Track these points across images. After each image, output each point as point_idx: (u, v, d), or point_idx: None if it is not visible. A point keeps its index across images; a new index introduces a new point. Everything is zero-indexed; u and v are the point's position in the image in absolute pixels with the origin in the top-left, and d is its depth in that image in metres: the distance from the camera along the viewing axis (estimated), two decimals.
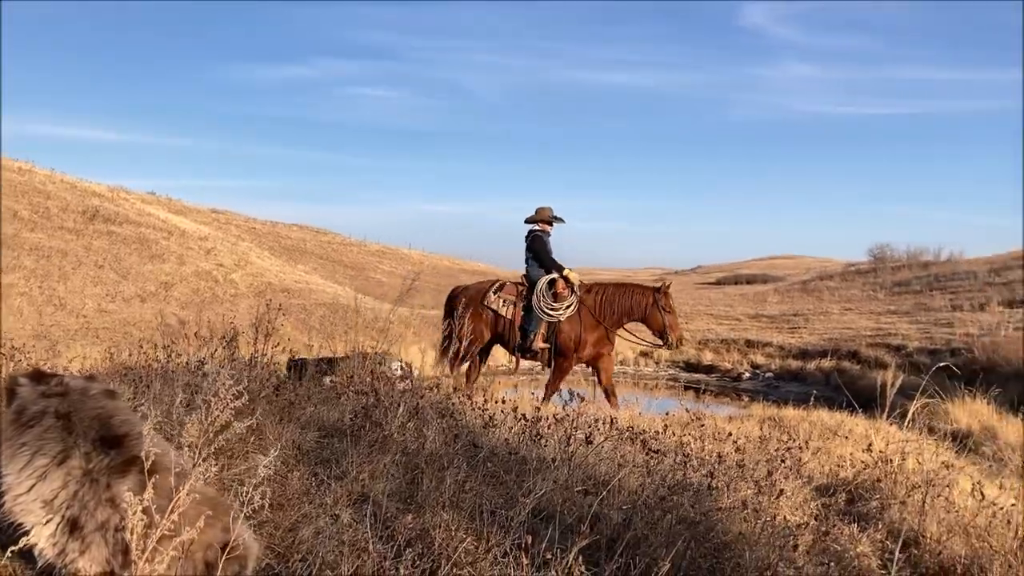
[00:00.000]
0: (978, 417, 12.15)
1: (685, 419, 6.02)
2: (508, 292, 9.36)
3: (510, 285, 9.48)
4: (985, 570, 3.61)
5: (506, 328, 9.24)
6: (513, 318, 9.21)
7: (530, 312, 9.15)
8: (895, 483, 4.49)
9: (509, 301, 9.30)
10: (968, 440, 11.45)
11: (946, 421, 12.01)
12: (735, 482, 3.96)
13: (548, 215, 9.54)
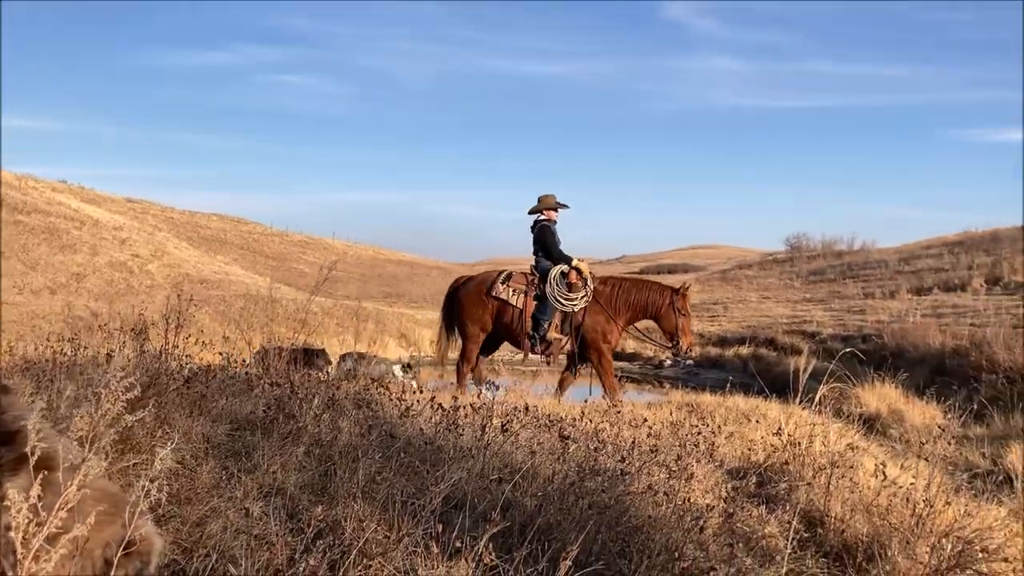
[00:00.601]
0: (887, 400, 12.62)
1: (603, 406, 6.10)
2: (517, 282, 9.13)
3: (519, 275, 9.24)
4: (885, 547, 3.74)
5: (515, 318, 8.99)
6: (524, 308, 8.98)
7: (544, 301, 8.94)
8: (803, 465, 4.63)
9: (519, 290, 9.07)
10: (877, 423, 11.91)
11: (856, 405, 12.43)
12: (648, 467, 4.03)
13: (553, 203, 9.30)
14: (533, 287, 9.02)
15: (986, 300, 21.68)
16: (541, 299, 8.94)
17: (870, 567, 3.59)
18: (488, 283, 9.10)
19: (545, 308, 8.87)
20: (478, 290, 9.08)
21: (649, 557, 2.90)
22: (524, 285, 9.05)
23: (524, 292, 9.01)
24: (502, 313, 9.02)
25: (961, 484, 6.43)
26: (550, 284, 8.87)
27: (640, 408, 8.23)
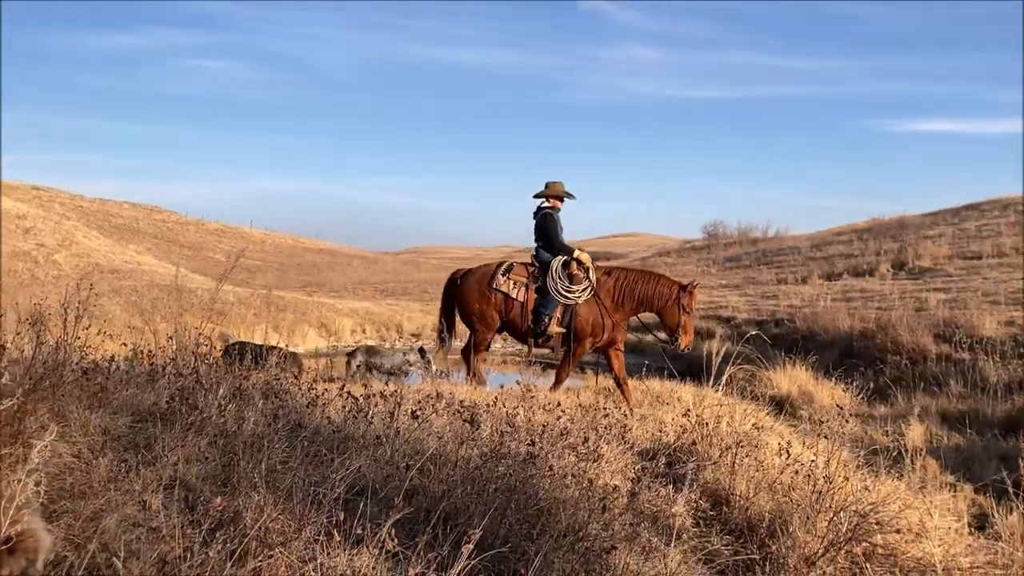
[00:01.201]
0: (797, 382, 13.01)
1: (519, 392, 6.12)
2: (518, 274, 8.76)
3: (519, 266, 8.87)
4: (787, 523, 3.86)
5: (517, 312, 8.65)
6: (526, 301, 8.62)
7: (545, 295, 8.59)
8: (710, 445, 4.74)
9: (520, 283, 8.70)
10: (787, 404, 12.28)
11: (768, 387, 12.80)
12: (559, 450, 4.06)
13: (561, 191, 8.97)
14: (534, 279, 8.68)
15: (892, 284, 22.52)
16: (542, 292, 8.63)
17: (772, 543, 3.70)
18: (489, 276, 8.77)
19: (547, 301, 8.57)
20: (480, 284, 8.74)
21: (554, 538, 2.93)
22: (525, 277, 8.71)
23: (525, 285, 8.66)
24: (505, 305, 8.67)
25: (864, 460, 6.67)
26: (551, 276, 8.54)
27: (558, 393, 8.30)
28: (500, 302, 8.66)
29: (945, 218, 34.72)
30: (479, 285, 8.74)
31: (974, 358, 12.74)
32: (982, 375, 11.85)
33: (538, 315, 8.53)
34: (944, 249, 26.93)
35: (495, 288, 8.65)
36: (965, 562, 3.80)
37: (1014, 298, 17.32)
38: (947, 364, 12.96)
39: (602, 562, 2.85)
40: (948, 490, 7.59)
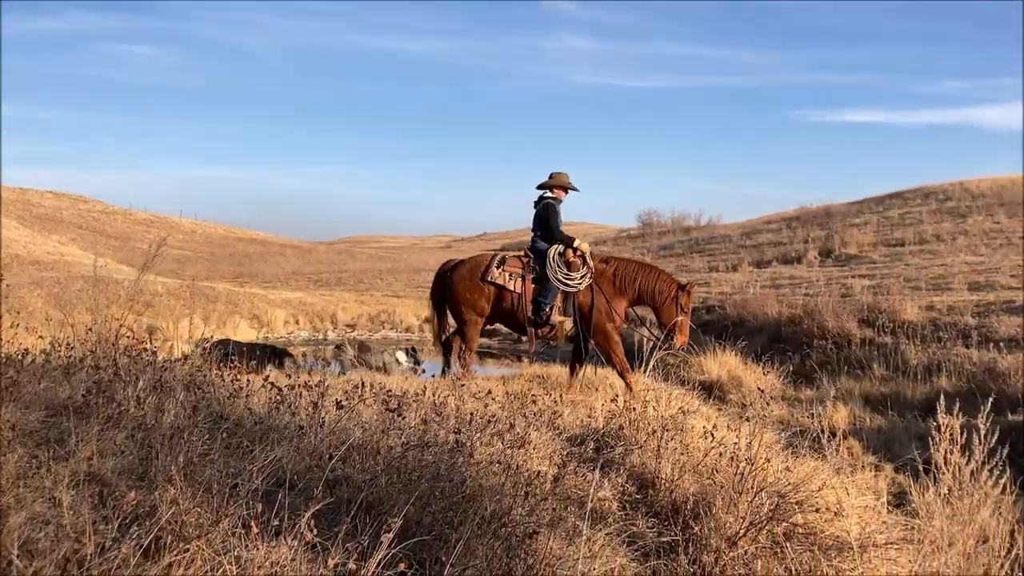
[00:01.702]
0: (727, 367, 13.25)
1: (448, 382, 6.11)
2: (513, 265, 8.57)
3: (513, 258, 8.70)
4: (710, 504, 3.92)
5: (515, 304, 8.46)
6: (523, 292, 8.45)
7: (544, 284, 8.41)
8: (637, 430, 4.79)
9: (516, 274, 8.52)
10: (717, 388, 12.51)
11: (699, 372, 13.02)
12: (487, 437, 4.06)
13: (565, 181, 8.83)
14: (530, 270, 8.52)
15: (819, 271, 23.09)
16: (540, 281, 8.45)
17: (695, 524, 3.76)
18: (482, 268, 8.57)
19: (547, 290, 8.41)
20: (471, 275, 8.55)
21: (478, 525, 2.92)
22: (520, 268, 8.55)
23: (521, 276, 8.51)
24: (500, 299, 8.51)
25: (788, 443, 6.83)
26: (549, 265, 8.36)
27: (493, 381, 8.31)
28: (493, 294, 8.51)
29: (870, 207, 35.73)
30: (471, 276, 8.56)
31: (896, 342, 13.15)
32: (903, 358, 12.24)
33: (538, 305, 8.39)
34: (869, 237, 27.72)
35: (489, 280, 8.46)
36: (881, 538, 3.91)
37: (934, 284, 17.92)
38: (870, 348, 13.36)
39: (525, 547, 2.86)
40: (870, 470, 7.83)
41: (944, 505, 3.52)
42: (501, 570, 2.70)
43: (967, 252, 22.18)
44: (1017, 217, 26.91)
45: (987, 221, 27.23)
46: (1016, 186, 33.49)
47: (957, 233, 25.81)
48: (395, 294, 29.62)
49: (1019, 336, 12.05)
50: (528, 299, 8.40)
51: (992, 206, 29.98)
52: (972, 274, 18.35)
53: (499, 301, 8.50)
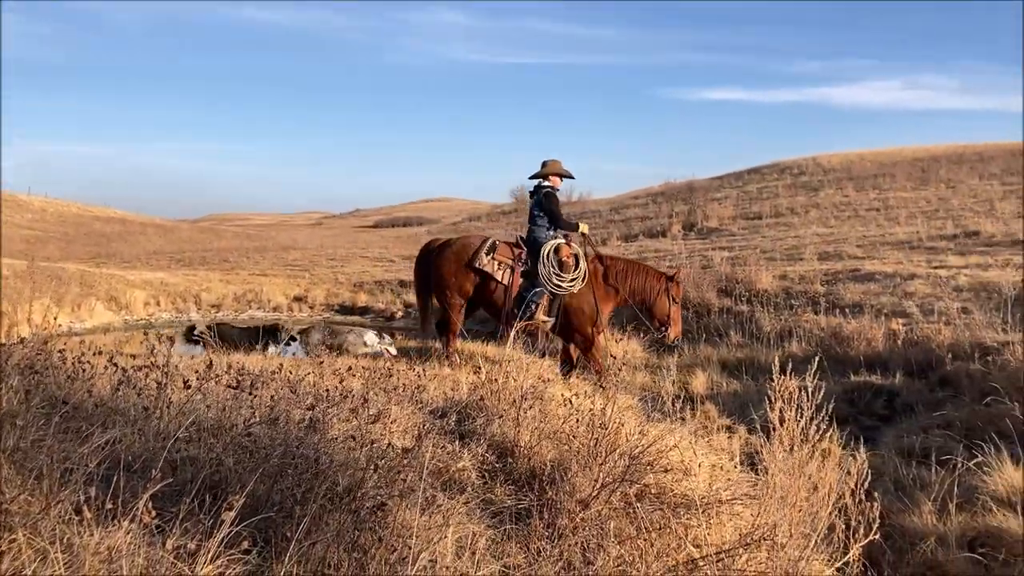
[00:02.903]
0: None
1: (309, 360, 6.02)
2: (503, 254, 8.33)
3: (504, 246, 8.44)
4: (567, 469, 4.03)
5: (499, 295, 8.25)
6: (510, 285, 8.23)
7: (533, 280, 8.24)
8: (499, 400, 4.86)
9: (505, 264, 8.30)
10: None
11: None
12: (345, 413, 4.03)
13: (560, 168, 8.64)
14: (520, 262, 8.32)
15: (683, 244, 23.88)
16: (529, 276, 8.28)
17: (551, 489, 3.86)
18: (470, 252, 8.31)
19: (536, 287, 8.23)
20: (457, 259, 8.31)
21: (332, 499, 2.91)
22: (511, 259, 8.33)
23: (511, 267, 8.29)
24: (485, 286, 8.31)
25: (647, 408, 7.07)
26: (543, 263, 8.16)
27: (361, 360, 8.24)
28: (477, 280, 8.30)
29: (730, 181, 37.23)
30: (457, 259, 8.32)
31: (752, 310, 13.78)
32: (758, 325, 12.83)
33: (524, 301, 8.22)
34: (729, 210, 28.88)
35: (477, 267, 8.25)
36: (726, 495, 4.12)
37: (788, 254, 18.86)
38: (728, 316, 13.94)
39: (375, 519, 2.86)
40: (725, 432, 8.22)
41: (782, 461, 3.73)
42: (351, 543, 2.69)
43: (818, 224, 23.41)
44: (864, 191, 28.60)
45: (837, 194, 28.80)
46: (864, 161, 35.60)
47: (810, 206, 27.20)
48: (263, 273, 28.82)
49: (862, 302, 12.84)
50: (514, 292, 8.23)
51: (842, 180, 31.75)
52: (823, 244, 19.40)
53: (483, 288, 8.32)
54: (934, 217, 21.15)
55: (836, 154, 38.66)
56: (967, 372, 8.85)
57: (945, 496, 5.64)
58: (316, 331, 10.83)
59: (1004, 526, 5.20)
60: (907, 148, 38.45)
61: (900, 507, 5.86)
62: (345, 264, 31.62)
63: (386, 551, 2.62)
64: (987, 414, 7.53)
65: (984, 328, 10.11)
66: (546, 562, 3.15)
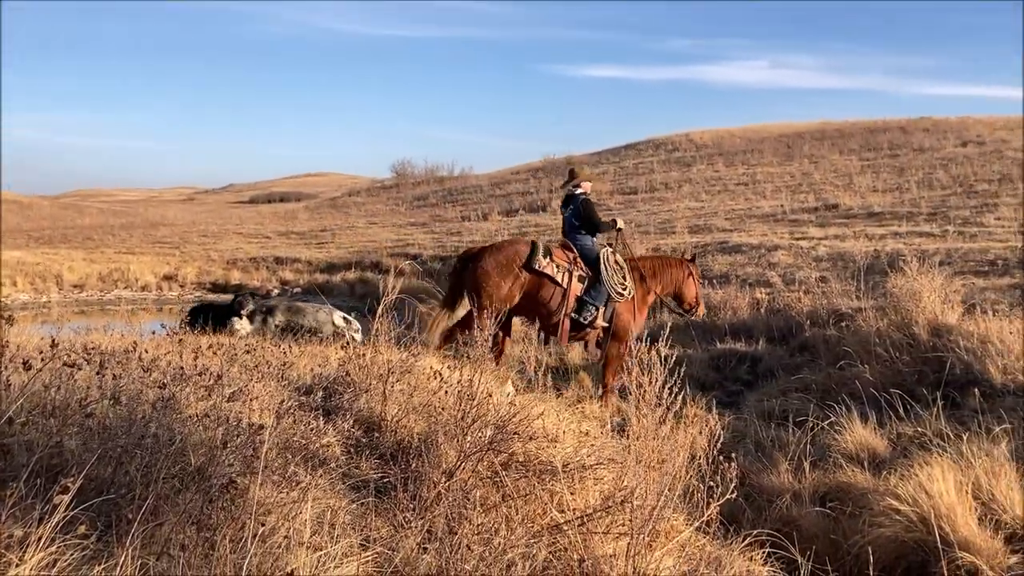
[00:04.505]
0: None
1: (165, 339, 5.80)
2: (560, 258, 8.11)
3: (559, 250, 8.21)
4: (435, 441, 4.02)
5: (556, 297, 8.02)
6: (568, 288, 8.02)
7: (596, 285, 8.09)
8: (367, 375, 4.80)
9: (564, 268, 8.06)
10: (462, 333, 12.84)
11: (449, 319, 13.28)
12: (204, 392, 3.90)
13: (588, 175, 8.74)
14: (577, 266, 8.17)
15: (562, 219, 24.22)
16: (588, 281, 8.17)
17: (417, 461, 3.85)
18: (523, 255, 7.97)
19: (597, 292, 8.12)
20: (510, 261, 7.93)
21: (183, 479, 2.81)
22: (568, 263, 8.14)
23: (568, 270, 8.10)
24: (539, 289, 8.02)
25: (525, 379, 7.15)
26: (605, 267, 8.09)
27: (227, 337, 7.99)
28: (532, 284, 8.01)
29: (608, 157, 37.94)
30: (508, 263, 7.96)
31: None
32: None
33: (584, 305, 8.11)
34: (607, 185, 29.44)
35: (536, 269, 7.96)
36: (591, 460, 4.22)
37: (661, 228, 19.39)
38: None
39: (229, 497, 2.78)
40: (598, 400, 8.41)
41: (639, 425, 3.84)
42: (200, 522, 2.61)
43: (691, 198, 24.16)
44: (734, 166, 29.66)
45: (709, 170, 29.78)
46: (734, 137, 36.90)
47: (683, 181, 28.03)
48: (129, 250, 27.57)
49: (730, 273, 13.36)
50: (572, 296, 8.12)
51: (713, 156, 32.83)
52: (694, 218, 20.05)
53: (536, 291, 8.07)
54: (798, 191, 22.15)
55: (708, 131, 39.92)
56: (824, 338, 9.34)
57: (801, 455, 5.95)
58: (280, 312, 9.78)
59: (852, 481, 5.51)
60: (774, 125, 40.08)
61: (760, 466, 6.14)
62: (218, 241, 30.60)
63: (238, 529, 2.54)
64: (840, 377, 7.97)
65: (840, 296, 10.69)
66: (409, 533, 3.14)
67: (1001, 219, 14.41)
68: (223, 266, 25.10)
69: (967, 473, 4.99)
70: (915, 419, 6.28)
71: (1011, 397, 6.57)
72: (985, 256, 11.74)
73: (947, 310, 8.10)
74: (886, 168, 23.32)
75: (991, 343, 7.23)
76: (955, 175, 19.63)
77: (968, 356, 7.19)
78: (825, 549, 4.89)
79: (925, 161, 23.22)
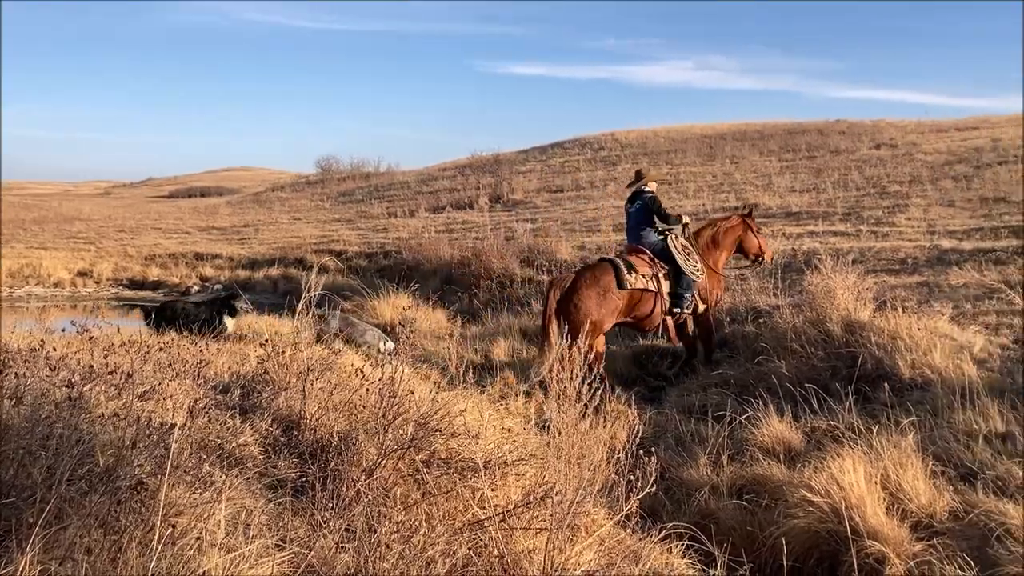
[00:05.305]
0: (399, 309, 13.52)
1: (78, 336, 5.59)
2: (642, 266, 8.53)
3: (635, 259, 8.60)
4: (355, 439, 3.98)
5: (652, 303, 8.52)
6: (659, 290, 8.54)
7: (679, 276, 8.63)
8: (287, 373, 4.72)
9: (648, 275, 8.51)
10: (391, 330, 12.73)
11: (373, 315, 13.16)
12: (115, 391, 3.78)
13: (655, 175, 9.59)
14: (657, 266, 8.64)
15: (489, 216, 24.22)
16: (672, 275, 8.68)
17: (337, 460, 3.80)
18: (612, 278, 8.33)
19: (682, 282, 8.65)
20: (605, 289, 8.27)
21: (90, 481, 2.71)
22: (649, 267, 8.58)
23: (654, 275, 8.57)
24: (637, 302, 8.48)
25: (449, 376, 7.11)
26: (678, 254, 8.66)
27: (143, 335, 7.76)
28: (629, 299, 8.43)
29: (535, 155, 38.05)
30: (606, 287, 8.29)
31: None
32: None
33: (680, 298, 8.64)
34: (534, 183, 29.56)
35: (627, 288, 8.36)
36: (513, 456, 4.23)
37: (587, 226, 19.57)
38: (530, 286, 14.30)
39: (139, 499, 2.70)
40: (523, 396, 8.44)
41: (558, 421, 3.86)
42: (108, 525, 2.53)
43: (615, 197, 24.37)
44: (658, 165, 30.10)
45: (633, 169, 30.13)
46: (658, 137, 37.43)
47: (608, 180, 28.28)
48: (42, 246, 26.54)
49: None
50: (665, 295, 8.60)
51: (638, 155, 33.22)
52: (619, 216, 20.20)
53: (637, 304, 8.51)
54: (719, 191, 22.59)
55: (633, 130, 40.34)
56: (742, 334, 9.54)
57: (719, 449, 6.08)
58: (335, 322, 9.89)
59: (769, 474, 5.65)
60: (697, 125, 40.72)
61: (680, 460, 6.24)
62: (136, 236, 29.69)
63: (146, 531, 2.47)
64: (758, 372, 8.15)
65: (758, 293, 10.93)
66: (327, 532, 3.10)
67: (911, 219, 14.94)
68: (141, 262, 24.36)
69: (876, 465, 5.17)
70: (829, 413, 6.45)
71: (918, 391, 6.81)
72: (896, 255, 12.16)
73: (860, 307, 8.35)
74: (804, 169, 23.95)
75: (900, 339, 7.49)
76: (869, 176, 20.28)
77: (879, 352, 7.43)
78: (742, 541, 5.01)
79: (841, 163, 23.89)
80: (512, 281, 14.81)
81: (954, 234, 13.04)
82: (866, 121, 33.85)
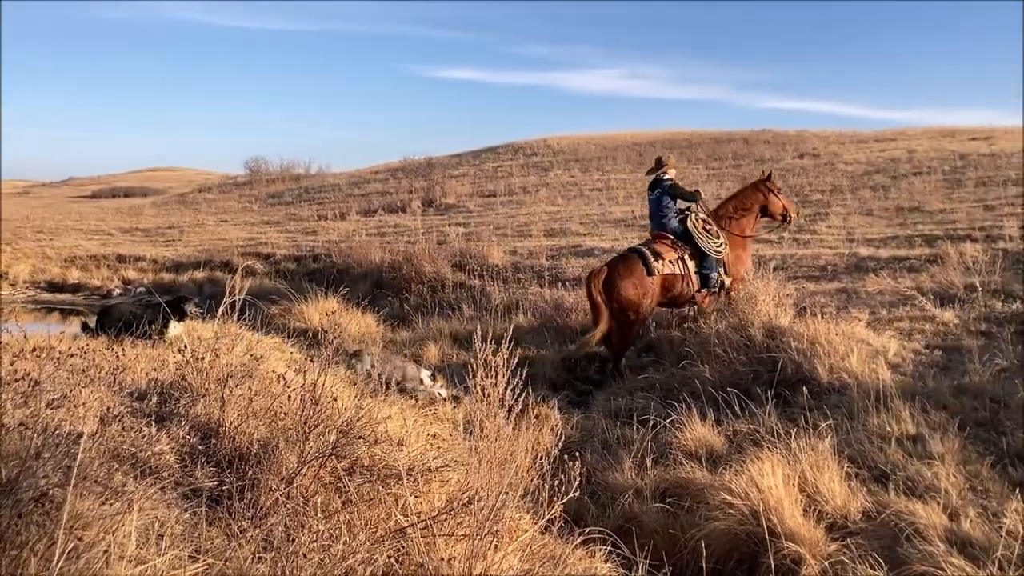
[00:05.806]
0: (327, 314, 13.34)
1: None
2: (667, 254, 9.18)
3: (660, 245, 9.29)
4: (277, 447, 3.91)
5: (684, 284, 9.20)
6: (687, 272, 9.20)
7: (702, 256, 9.25)
8: (206, 379, 4.62)
9: (674, 259, 9.18)
10: (319, 335, 12.56)
11: (301, 320, 12.96)
12: (22, 399, 3.64)
13: (674, 163, 10.04)
14: (681, 249, 9.27)
15: (421, 220, 24.11)
16: (696, 255, 9.30)
17: (256, 468, 3.73)
18: (641, 267, 9.00)
19: (708, 261, 9.28)
20: (640, 278, 8.96)
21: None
22: (675, 252, 9.23)
23: (681, 258, 9.21)
24: (670, 285, 9.15)
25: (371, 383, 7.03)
26: (700, 238, 9.25)
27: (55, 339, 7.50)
28: (662, 283, 9.08)
29: (468, 160, 38.05)
30: (640, 277, 8.95)
31: (483, 284, 14.20)
32: (488, 298, 13.24)
33: (706, 277, 9.29)
34: (467, 187, 29.54)
35: (658, 273, 9.03)
36: (437, 463, 4.21)
37: (519, 231, 19.63)
38: (462, 290, 14.27)
39: (43, 511, 2.61)
40: (452, 402, 8.42)
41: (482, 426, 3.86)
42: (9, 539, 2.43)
43: (547, 203, 24.54)
44: (589, 172, 30.38)
45: (565, 175, 30.34)
46: (590, 144, 37.79)
47: (541, 185, 28.43)
48: None
49: (581, 276, 13.64)
50: (693, 275, 9.24)
51: (569, 162, 33.49)
52: (550, 222, 20.37)
53: (670, 288, 9.18)
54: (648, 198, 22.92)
55: (565, 137, 40.66)
56: (668, 339, 9.68)
57: (644, 452, 6.15)
58: (368, 356, 9.22)
59: (691, 477, 5.75)
60: (627, 133, 41.29)
61: (605, 464, 6.30)
62: (55, 237, 28.72)
63: (50, 544, 2.39)
64: (683, 376, 8.28)
65: None
66: (244, 542, 3.04)
67: (832, 227, 15.37)
68: (60, 264, 23.57)
69: (795, 467, 5.30)
70: (750, 416, 6.59)
71: (836, 395, 7.01)
72: (817, 262, 12.49)
73: (781, 313, 8.56)
74: (730, 177, 24.45)
75: (819, 344, 7.70)
76: (792, 185, 20.78)
77: (799, 356, 7.62)
78: (664, 543, 5.08)
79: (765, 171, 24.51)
80: (444, 285, 14.76)
81: (872, 242, 13.46)
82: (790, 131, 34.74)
